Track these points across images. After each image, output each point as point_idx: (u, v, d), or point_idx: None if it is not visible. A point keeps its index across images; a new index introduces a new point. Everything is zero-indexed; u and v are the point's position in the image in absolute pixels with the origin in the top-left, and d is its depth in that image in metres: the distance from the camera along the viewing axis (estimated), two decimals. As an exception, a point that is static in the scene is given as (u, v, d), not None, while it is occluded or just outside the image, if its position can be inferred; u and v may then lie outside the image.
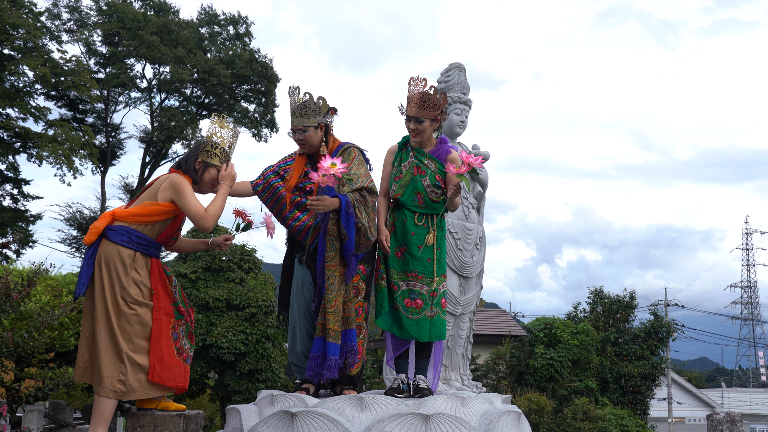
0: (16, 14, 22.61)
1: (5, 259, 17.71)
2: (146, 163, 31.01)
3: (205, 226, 4.02)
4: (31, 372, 8.33)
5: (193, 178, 4.17)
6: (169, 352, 3.97)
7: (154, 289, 4.01)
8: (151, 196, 4.12)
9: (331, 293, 4.21)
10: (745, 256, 55.26)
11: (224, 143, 4.30)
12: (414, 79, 4.46)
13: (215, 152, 4.24)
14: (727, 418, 6.47)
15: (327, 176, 3.95)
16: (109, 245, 3.97)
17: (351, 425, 3.60)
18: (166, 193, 4.05)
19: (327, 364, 4.19)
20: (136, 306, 3.94)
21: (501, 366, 18.28)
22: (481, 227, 6.55)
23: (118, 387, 3.87)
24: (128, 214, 4.04)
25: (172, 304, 4.09)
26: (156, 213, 4.04)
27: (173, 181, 4.06)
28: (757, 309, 55.27)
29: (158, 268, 4.10)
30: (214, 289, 14.64)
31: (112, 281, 3.93)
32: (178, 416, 3.93)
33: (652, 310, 23.03)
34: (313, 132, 4.45)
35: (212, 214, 4.04)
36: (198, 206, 4.03)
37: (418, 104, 4.38)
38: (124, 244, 3.97)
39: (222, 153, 4.26)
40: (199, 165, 4.20)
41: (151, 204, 4.06)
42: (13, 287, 6.51)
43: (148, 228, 4.06)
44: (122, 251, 3.96)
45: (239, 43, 31.77)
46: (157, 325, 3.97)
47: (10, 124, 23.71)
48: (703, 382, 49.19)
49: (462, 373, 6.41)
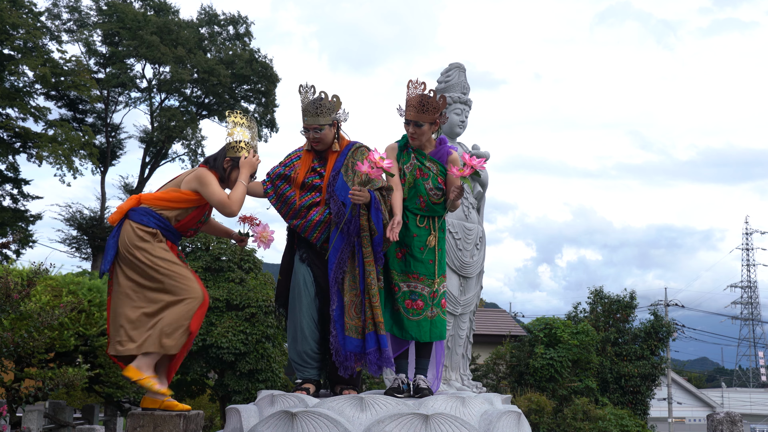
0: (16, 14, 22.61)
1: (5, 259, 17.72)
2: (146, 163, 31.00)
3: (229, 212, 4.18)
4: (31, 372, 8.32)
5: (221, 176, 4.31)
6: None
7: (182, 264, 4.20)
8: (176, 185, 4.31)
9: (373, 288, 4.21)
10: (745, 256, 55.29)
11: (245, 136, 4.42)
12: (413, 81, 4.43)
13: (240, 146, 4.37)
14: (727, 418, 6.48)
15: (376, 169, 3.99)
16: (132, 224, 4.15)
17: (351, 425, 3.61)
18: (190, 183, 4.24)
19: (384, 356, 4.19)
20: (175, 265, 4.09)
21: (501, 366, 18.28)
22: (481, 227, 6.55)
23: (164, 342, 3.98)
24: (152, 197, 4.25)
25: None
26: (178, 200, 4.22)
27: (198, 173, 4.25)
28: (757, 309, 55.30)
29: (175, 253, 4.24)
30: (214, 289, 14.64)
31: (142, 254, 4.07)
32: (178, 416, 3.93)
33: (652, 310, 23.02)
34: (327, 130, 4.47)
35: (234, 200, 4.20)
36: (221, 194, 4.18)
37: (417, 108, 4.34)
38: (147, 223, 4.15)
39: (247, 145, 4.39)
40: (227, 164, 4.34)
41: (175, 191, 4.26)
42: (13, 287, 6.50)
43: (168, 213, 4.21)
44: (145, 228, 4.14)
45: (239, 43, 31.77)
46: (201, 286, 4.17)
47: (10, 124, 23.71)
48: (703, 382, 49.19)
49: (462, 373, 6.41)
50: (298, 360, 4.45)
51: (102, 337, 9.18)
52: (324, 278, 4.41)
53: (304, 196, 4.43)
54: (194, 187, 4.22)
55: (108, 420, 12.10)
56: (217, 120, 32.65)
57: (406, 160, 4.45)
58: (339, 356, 4.23)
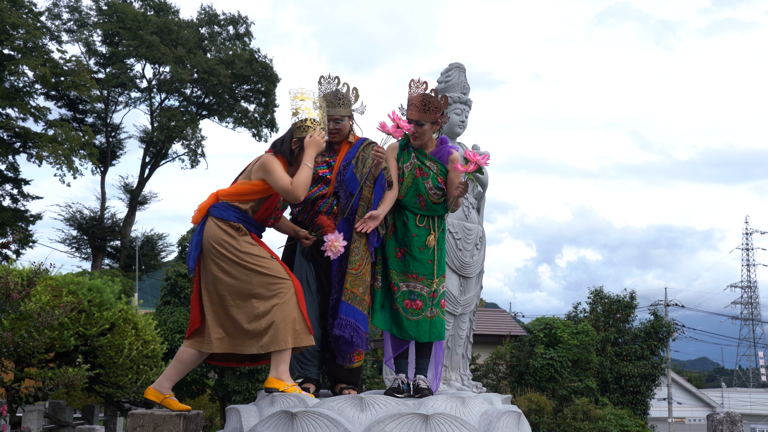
0: (16, 14, 22.62)
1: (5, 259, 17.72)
2: (146, 163, 31.01)
3: (293, 198, 4.06)
4: (31, 372, 8.32)
5: (288, 160, 4.18)
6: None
7: (270, 254, 4.14)
8: (246, 177, 4.24)
9: (355, 256, 4.22)
10: (745, 256, 55.28)
11: (311, 113, 4.23)
12: (414, 81, 4.44)
13: (306, 125, 4.19)
14: (727, 418, 6.47)
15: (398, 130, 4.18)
16: (215, 221, 4.11)
17: (351, 425, 3.61)
18: (257, 173, 4.15)
19: (337, 322, 4.19)
20: (263, 260, 4.04)
21: (501, 366, 18.28)
22: (481, 227, 6.55)
23: (263, 342, 3.98)
24: (226, 193, 4.17)
25: None
26: (249, 192, 4.14)
27: (263, 161, 4.14)
28: (757, 309, 55.30)
29: (261, 241, 4.19)
30: (214, 289, 14.65)
31: (228, 249, 4.04)
32: (178, 416, 3.93)
33: (652, 310, 23.03)
34: (346, 121, 4.48)
35: (297, 184, 4.04)
36: (285, 179, 4.04)
37: (418, 107, 4.35)
38: (230, 218, 4.10)
39: (314, 123, 4.20)
40: (294, 146, 4.19)
41: (244, 183, 4.18)
42: (13, 287, 6.50)
43: (245, 206, 4.15)
44: (229, 223, 4.10)
45: (239, 43, 31.78)
46: (293, 278, 4.10)
47: (10, 124, 23.73)
48: (703, 382, 49.20)
49: (462, 373, 6.41)
50: (299, 357, 4.44)
51: (102, 337, 9.19)
52: (326, 275, 4.41)
53: (311, 187, 4.39)
54: (261, 176, 4.11)
55: (108, 420, 12.11)
56: (217, 120, 32.68)
57: (406, 159, 4.45)
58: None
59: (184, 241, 15.61)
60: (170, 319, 14.25)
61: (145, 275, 31.20)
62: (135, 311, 10.15)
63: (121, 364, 9.34)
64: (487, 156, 4.23)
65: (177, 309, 14.58)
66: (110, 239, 30.16)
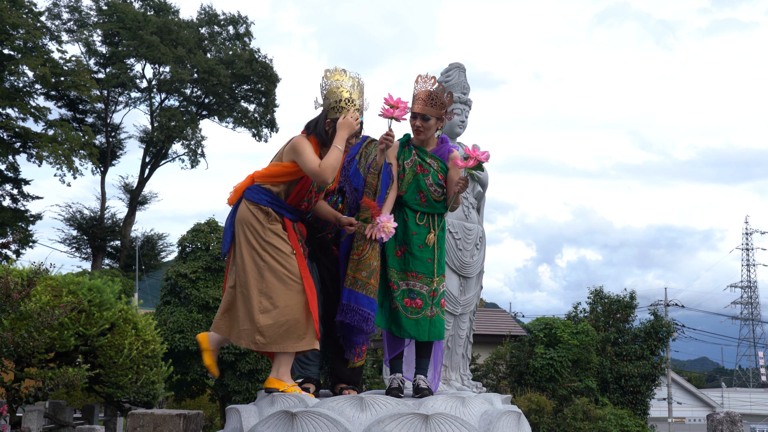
0: (16, 14, 22.62)
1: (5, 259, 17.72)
2: (146, 163, 31.01)
3: (321, 180, 3.96)
4: (31, 372, 8.33)
5: (322, 140, 4.11)
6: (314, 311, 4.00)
7: (294, 248, 4.07)
8: (278, 159, 4.21)
9: (357, 241, 4.21)
10: (745, 256, 55.30)
11: (345, 93, 4.12)
12: (422, 76, 4.46)
13: (341, 105, 4.08)
14: (727, 418, 6.48)
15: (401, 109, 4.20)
16: (247, 203, 4.08)
17: (351, 425, 3.61)
18: (288, 154, 4.09)
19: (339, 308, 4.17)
20: (282, 256, 4.00)
21: (501, 366, 18.28)
22: (481, 227, 6.55)
23: (257, 339, 3.94)
24: (260, 174, 4.14)
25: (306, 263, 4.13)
26: (280, 173, 4.08)
27: (293, 142, 4.08)
28: (757, 309, 55.31)
29: (290, 228, 4.12)
30: (214, 289, 14.64)
31: (253, 235, 4.02)
32: (178, 416, 3.93)
33: (652, 310, 23.04)
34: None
35: (325, 166, 3.93)
36: (313, 161, 3.95)
37: (425, 101, 4.38)
38: (260, 201, 4.06)
39: (348, 103, 4.09)
40: (328, 126, 4.10)
41: (276, 165, 4.14)
42: (13, 287, 6.50)
43: (277, 188, 4.10)
44: (259, 207, 4.06)
45: (239, 43, 31.77)
46: (304, 273, 4.03)
47: (10, 124, 23.73)
48: (703, 382, 49.20)
49: (462, 373, 6.40)
50: (300, 357, 4.42)
51: (102, 337, 9.19)
52: (330, 274, 4.39)
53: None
54: (291, 157, 4.04)
55: (108, 420, 12.10)
56: (217, 120, 32.68)
57: (407, 156, 4.45)
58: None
59: (184, 241, 15.61)
60: (170, 319, 14.26)
61: (145, 275, 31.21)
62: (135, 311, 10.15)
63: (121, 364, 9.34)
64: (487, 153, 4.23)
65: (177, 309, 14.59)
66: (110, 239, 30.17)
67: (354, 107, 4.09)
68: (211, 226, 15.67)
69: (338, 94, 4.11)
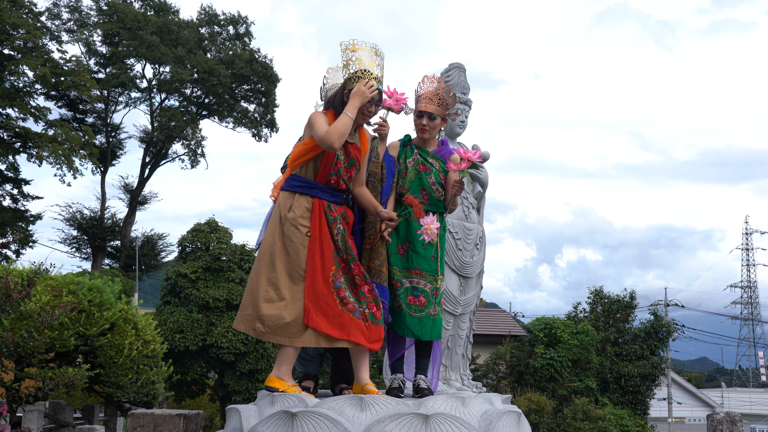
0: (16, 14, 22.62)
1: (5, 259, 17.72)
2: (146, 163, 31.01)
3: (327, 145, 3.89)
4: (31, 372, 8.33)
5: (339, 112, 4.05)
6: (326, 299, 3.90)
7: (311, 230, 3.99)
8: (300, 139, 4.27)
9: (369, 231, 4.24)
10: (745, 256, 55.31)
11: (362, 63, 4.09)
12: (428, 77, 4.54)
13: (357, 75, 4.05)
14: (727, 418, 6.48)
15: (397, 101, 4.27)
16: (282, 192, 4.14)
17: (351, 425, 3.61)
18: (306, 130, 4.11)
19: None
20: (291, 245, 3.98)
21: (501, 366, 18.28)
22: (481, 227, 6.55)
23: (257, 326, 3.92)
24: (290, 160, 4.17)
25: (333, 251, 4.02)
26: (302, 152, 4.06)
27: (309, 117, 4.08)
28: (757, 309, 55.32)
29: (320, 210, 4.03)
30: (214, 289, 14.64)
31: (274, 226, 4.05)
32: (178, 416, 3.93)
33: (652, 310, 23.03)
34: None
35: (332, 131, 3.89)
36: (321, 128, 3.92)
37: (432, 101, 4.44)
38: (291, 188, 4.09)
39: (365, 73, 4.06)
40: (346, 96, 4.07)
41: (297, 145, 4.18)
42: (13, 287, 6.50)
43: (304, 169, 4.09)
44: (284, 195, 4.10)
45: (239, 43, 31.77)
46: (311, 268, 3.94)
47: (10, 124, 23.72)
48: (703, 382, 49.20)
49: (462, 373, 6.40)
50: (302, 353, 4.43)
51: (102, 337, 9.19)
52: None
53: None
54: (309, 133, 4.03)
55: (108, 420, 12.10)
56: (217, 120, 32.68)
57: (409, 155, 4.49)
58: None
59: (184, 241, 15.61)
60: (170, 319, 14.26)
61: (145, 275, 31.20)
62: (135, 311, 10.16)
63: (121, 364, 9.34)
64: (480, 152, 4.25)
65: (177, 309, 14.59)
66: (110, 239, 30.17)
67: (371, 76, 4.07)
68: (211, 226, 15.67)
69: (355, 64, 4.10)
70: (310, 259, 3.95)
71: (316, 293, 3.90)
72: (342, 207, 4.12)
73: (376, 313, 3.97)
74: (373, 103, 4.08)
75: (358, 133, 4.18)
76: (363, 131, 4.23)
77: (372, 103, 4.07)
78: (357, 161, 4.13)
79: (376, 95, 4.07)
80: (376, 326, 3.95)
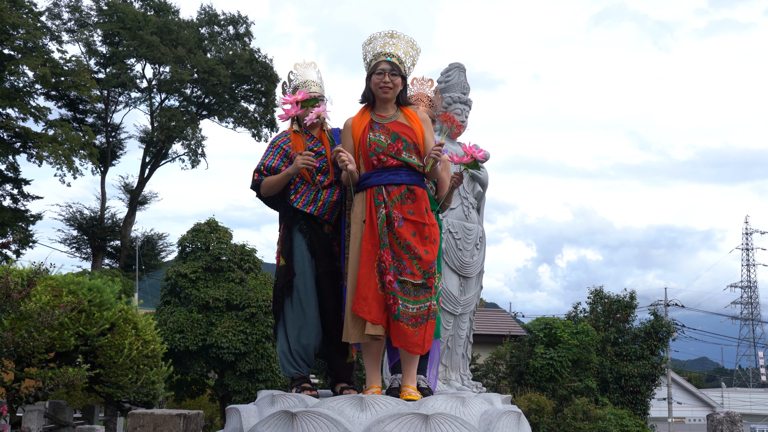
0: (16, 14, 22.62)
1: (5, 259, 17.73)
2: (146, 163, 31.01)
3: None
4: (31, 372, 8.33)
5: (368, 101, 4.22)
6: (368, 283, 3.95)
7: (366, 218, 4.05)
8: None
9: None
10: (745, 256, 55.30)
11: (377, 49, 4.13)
12: (418, 79, 4.54)
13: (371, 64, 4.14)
14: (727, 418, 6.48)
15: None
16: None
17: (351, 425, 3.60)
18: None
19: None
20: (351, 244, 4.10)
21: (501, 366, 18.28)
22: (481, 227, 6.55)
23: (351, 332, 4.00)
24: None
25: (379, 234, 4.02)
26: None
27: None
28: (757, 309, 55.32)
29: (371, 196, 4.06)
30: (214, 289, 14.64)
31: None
32: (178, 416, 3.94)
33: (652, 310, 23.04)
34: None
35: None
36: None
37: (424, 103, 4.48)
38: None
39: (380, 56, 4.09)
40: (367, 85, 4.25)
41: None
42: (13, 287, 6.50)
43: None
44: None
45: (239, 43, 31.77)
46: (365, 256, 4.00)
47: (10, 124, 23.72)
48: (703, 382, 49.18)
49: (462, 373, 6.41)
50: (302, 354, 4.34)
51: (102, 337, 9.19)
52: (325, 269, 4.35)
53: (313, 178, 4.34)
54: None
55: (108, 420, 12.11)
56: (217, 120, 32.68)
57: None
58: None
59: (184, 241, 15.61)
60: (170, 319, 14.26)
61: (145, 275, 31.19)
62: (135, 311, 10.16)
63: (121, 364, 9.34)
64: (484, 152, 4.26)
65: (177, 309, 14.59)
66: (110, 239, 30.17)
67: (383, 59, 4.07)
68: (211, 226, 15.67)
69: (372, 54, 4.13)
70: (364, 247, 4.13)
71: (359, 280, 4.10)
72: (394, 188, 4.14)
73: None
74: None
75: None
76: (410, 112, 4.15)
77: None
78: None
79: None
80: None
